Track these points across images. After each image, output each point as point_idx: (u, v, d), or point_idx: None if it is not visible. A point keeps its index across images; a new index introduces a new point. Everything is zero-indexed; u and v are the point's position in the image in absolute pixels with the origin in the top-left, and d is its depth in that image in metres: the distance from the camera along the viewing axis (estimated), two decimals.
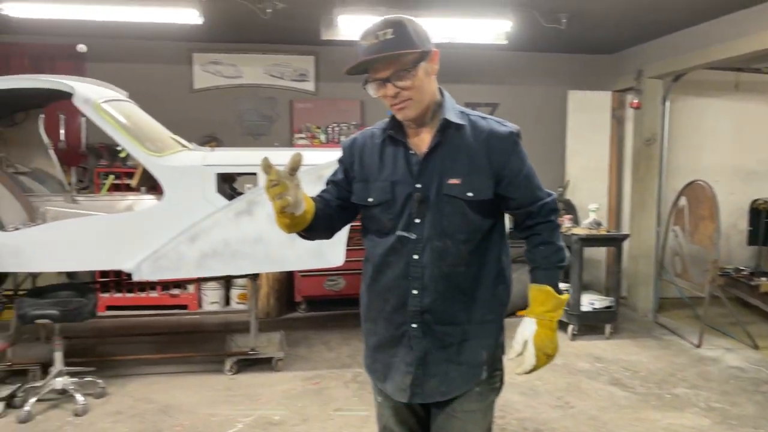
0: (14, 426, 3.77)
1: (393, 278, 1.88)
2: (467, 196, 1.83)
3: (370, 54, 1.74)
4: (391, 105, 1.83)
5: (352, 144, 2.00)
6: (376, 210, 1.90)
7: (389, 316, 1.91)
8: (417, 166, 1.85)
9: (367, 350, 2.04)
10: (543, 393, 4.36)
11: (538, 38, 6.33)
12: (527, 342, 1.88)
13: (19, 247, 4.05)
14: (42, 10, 4.97)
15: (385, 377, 1.97)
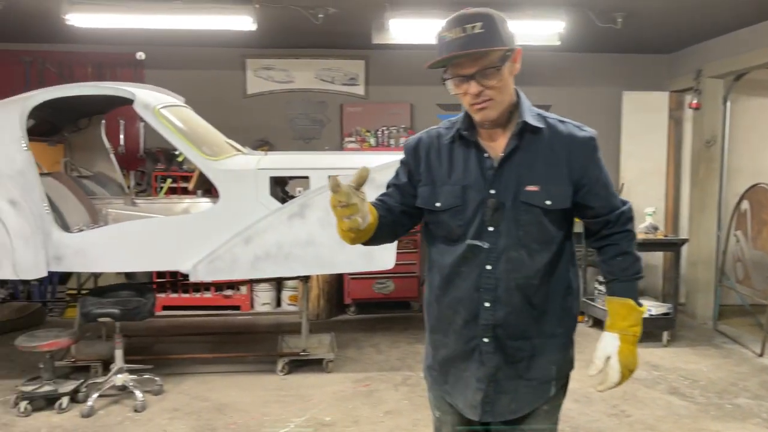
0: (78, 420, 3.92)
1: (464, 289, 1.78)
2: (545, 204, 1.73)
3: (457, 48, 1.63)
4: (470, 104, 1.71)
5: (417, 144, 1.88)
6: (444, 215, 1.79)
7: (459, 330, 1.81)
8: (491, 171, 1.74)
9: (435, 362, 1.92)
10: (597, 401, 4.27)
11: (592, 38, 6.21)
12: (610, 358, 1.81)
13: (83, 248, 4.20)
14: (104, 20, 5.16)
15: (454, 392, 1.88)
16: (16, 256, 4.03)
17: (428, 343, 1.96)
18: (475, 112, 1.73)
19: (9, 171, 4.14)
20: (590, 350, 1.68)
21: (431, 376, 1.96)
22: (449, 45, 1.65)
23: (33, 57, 6.77)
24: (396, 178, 1.93)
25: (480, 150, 1.77)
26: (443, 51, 1.66)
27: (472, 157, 1.78)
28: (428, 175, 1.83)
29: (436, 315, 1.88)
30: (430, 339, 1.94)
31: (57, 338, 4.10)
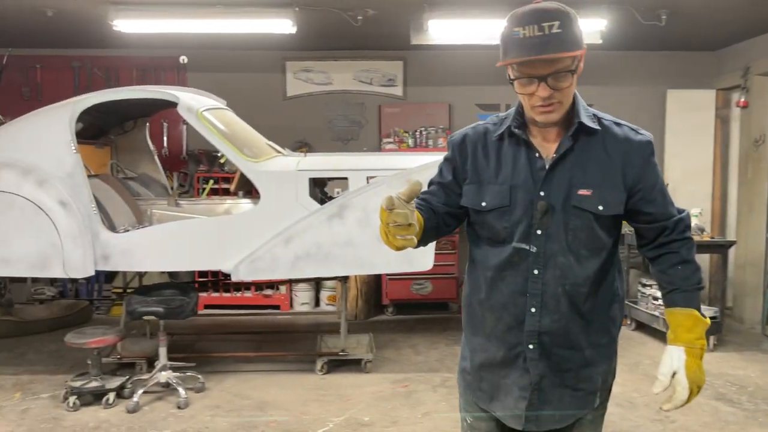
0: (123, 415, 4.02)
1: (508, 294, 1.71)
2: (598, 209, 1.66)
3: (535, 49, 1.54)
4: (536, 106, 1.62)
5: (463, 140, 1.79)
6: (490, 216, 1.71)
7: (503, 335, 1.74)
8: (542, 172, 1.67)
9: (472, 366, 1.85)
10: (641, 406, 4.18)
11: (635, 36, 6.09)
12: (676, 373, 1.70)
13: (129, 248, 4.32)
14: (149, 25, 5.30)
15: (491, 398, 1.81)
16: (66, 255, 4.16)
17: (465, 345, 1.89)
18: (539, 114, 1.64)
19: (59, 173, 4.27)
20: (632, 354, 1.63)
21: (464, 380, 1.89)
22: (524, 44, 1.55)
23: (81, 62, 6.98)
24: (440, 176, 1.84)
25: (531, 149, 1.70)
26: (518, 50, 1.56)
27: (522, 156, 1.70)
28: (474, 172, 1.75)
29: (478, 318, 1.81)
30: (468, 342, 1.87)
31: (104, 335, 4.22)
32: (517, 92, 1.63)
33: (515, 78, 1.61)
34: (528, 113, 1.67)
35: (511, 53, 1.58)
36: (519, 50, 1.57)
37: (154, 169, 5.70)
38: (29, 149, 4.32)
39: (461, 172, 1.78)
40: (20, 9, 5.27)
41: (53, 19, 5.46)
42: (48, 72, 7.00)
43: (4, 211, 4.15)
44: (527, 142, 1.70)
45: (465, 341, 1.89)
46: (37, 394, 4.35)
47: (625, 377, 4.64)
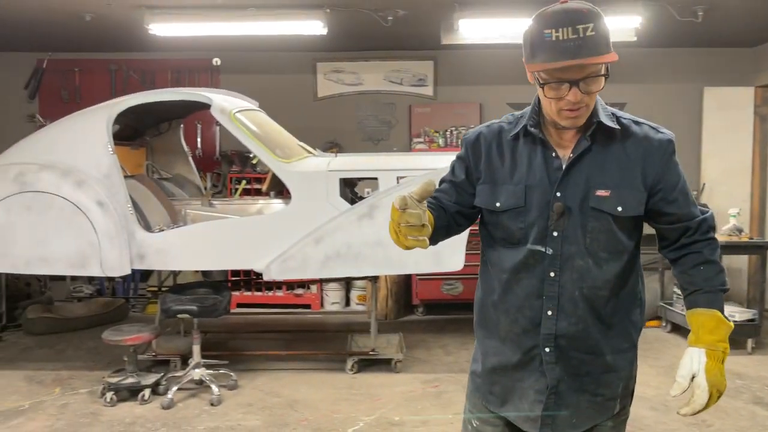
0: (158, 411, 4.10)
1: (524, 297, 1.67)
2: (617, 210, 1.61)
3: (570, 53, 1.47)
4: (564, 109, 1.56)
5: (477, 138, 1.75)
6: (504, 216, 1.67)
7: (518, 338, 1.70)
8: (559, 172, 1.63)
9: (484, 369, 1.80)
10: (676, 409, 4.10)
11: (671, 33, 5.98)
12: (696, 376, 1.63)
13: (164, 247, 4.40)
14: (183, 29, 5.40)
15: (503, 401, 1.77)
16: (103, 254, 4.26)
17: (477, 348, 1.85)
18: (565, 119, 1.59)
19: (97, 174, 4.38)
20: (667, 357, 1.58)
21: (474, 383, 1.85)
22: (558, 47, 1.49)
23: (118, 65, 7.14)
24: (452, 174, 1.79)
25: (548, 148, 1.65)
26: (551, 53, 1.50)
27: (538, 156, 1.65)
28: (489, 172, 1.71)
29: (492, 320, 1.77)
30: (481, 344, 1.83)
31: (140, 333, 4.31)
32: (546, 96, 1.57)
33: (544, 82, 1.55)
34: (550, 116, 1.62)
35: (543, 56, 1.51)
36: (553, 54, 1.50)
37: (188, 170, 5.80)
38: (68, 151, 4.43)
39: (474, 172, 1.74)
40: (60, 14, 5.42)
41: (91, 24, 5.61)
42: (86, 75, 7.18)
43: (44, 212, 4.27)
44: (544, 141, 1.65)
45: (477, 344, 1.86)
46: (75, 390, 4.46)
47: (659, 380, 4.56)
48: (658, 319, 6.01)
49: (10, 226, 4.27)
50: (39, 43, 6.68)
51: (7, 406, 4.16)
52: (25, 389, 4.47)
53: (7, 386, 4.52)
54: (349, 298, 6.84)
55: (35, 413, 4.06)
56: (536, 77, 1.58)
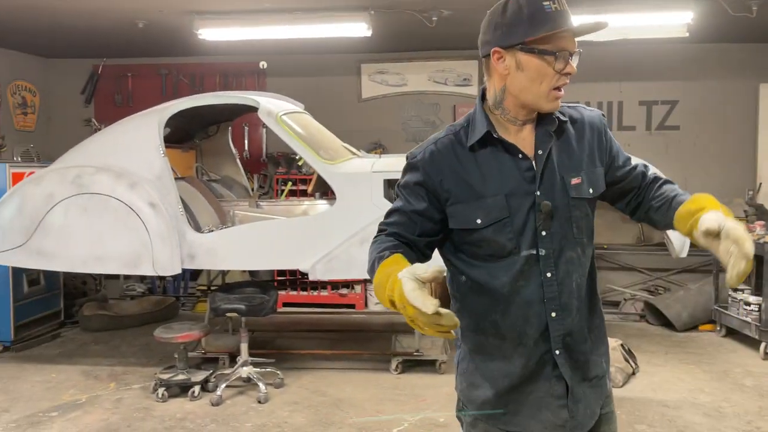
0: (208, 408, 4.20)
1: (527, 306, 1.59)
2: (589, 193, 1.63)
3: (569, 21, 1.51)
4: (556, 87, 1.55)
5: (431, 157, 1.62)
6: (488, 232, 1.57)
7: (527, 351, 1.62)
8: (531, 172, 1.59)
9: (488, 392, 1.66)
10: (730, 416, 3.99)
11: (724, 28, 5.79)
12: (724, 228, 1.44)
13: (213, 247, 4.51)
14: (231, 33, 5.51)
15: (519, 420, 1.66)
16: (155, 254, 4.39)
17: (473, 373, 1.69)
18: (552, 100, 1.57)
19: (149, 176, 4.52)
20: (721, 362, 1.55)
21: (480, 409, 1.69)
22: (560, 16, 1.51)
23: (168, 69, 7.34)
24: (406, 203, 1.61)
25: (512, 151, 1.59)
26: (558, 21, 1.50)
27: (505, 160, 1.59)
28: (459, 189, 1.59)
29: (493, 343, 1.65)
30: (481, 369, 1.68)
31: (190, 331, 4.42)
32: (533, 72, 1.53)
33: (544, 53, 1.51)
34: (535, 101, 1.56)
35: (550, 24, 1.50)
36: (560, 22, 1.51)
37: (236, 172, 5.93)
38: (122, 154, 4.59)
39: (441, 193, 1.59)
40: (114, 22, 5.60)
41: (144, 30, 5.78)
42: (138, 80, 7.41)
43: (99, 213, 4.43)
44: (508, 145, 1.60)
45: (473, 369, 1.69)
46: (129, 385, 4.61)
47: (714, 386, 4.43)
48: (712, 323, 5.83)
49: (68, 226, 4.44)
50: (94, 49, 6.93)
51: (65, 400, 4.33)
52: (82, 383, 4.64)
53: (65, 380, 4.70)
54: None
55: (92, 407, 4.21)
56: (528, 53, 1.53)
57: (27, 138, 7.09)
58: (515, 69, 1.54)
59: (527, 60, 1.53)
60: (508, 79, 1.56)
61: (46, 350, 5.49)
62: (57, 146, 6.86)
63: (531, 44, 1.51)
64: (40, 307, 5.74)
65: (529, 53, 1.52)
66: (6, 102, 6.92)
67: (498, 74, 1.58)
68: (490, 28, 1.58)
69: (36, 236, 4.45)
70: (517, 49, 1.53)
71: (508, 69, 1.55)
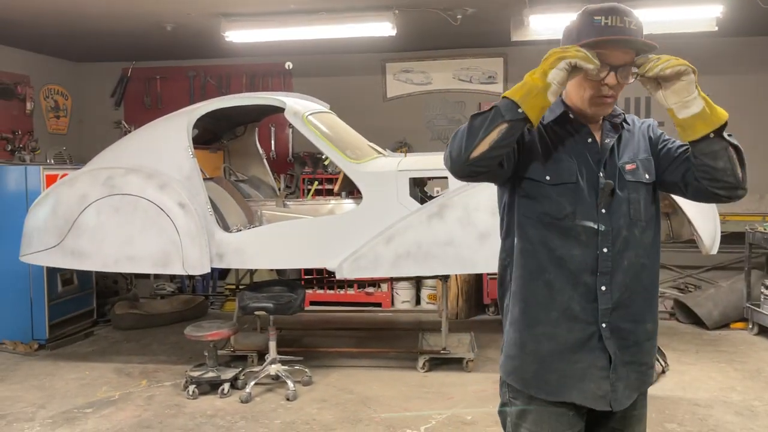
0: (237, 405, 4.26)
1: (578, 273, 1.71)
2: (645, 178, 1.77)
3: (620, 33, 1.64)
4: (598, 96, 1.71)
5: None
6: (553, 190, 1.73)
7: (574, 317, 1.72)
8: (599, 155, 1.77)
9: (534, 359, 1.76)
10: (763, 415, 3.92)
11: (755, 21, 5.69)
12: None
13: (241, 247, 4.56)
14: (257, 35, 5.57)
15: (562, 387, 1.75)
16: (185, 253, 4.46)
17: (516, 342, 1.79)
18: (594, 106, 1.73)
19: (178, 176, 4.59)
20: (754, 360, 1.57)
21: (520, 375, 1.79)
22: (608, 29, 1.64)
23: (196, 71, 7.44)
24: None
25: (584, 133, 1.78)
26: (602, 33, 1.64)
27: (577, 140, 1.77)
28: (541, 147, 1.76)
29: (541, 304, 1.74)
30: (524, 334, 1.77)
31: (219, 329, 4.49)
32: (578, 82, 1.70)
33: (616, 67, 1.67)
34: (577, 104, 1.76)
35: (593, 35, 1.65)
36: (602, 33, 1.64)
37: (263, 172, 5.99)
38: (152, 155, 4.67)
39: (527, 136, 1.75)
40: (143, 25, 5.71)
41: (172, 33, 5.87)
42: (166, 82, 7.53)
43: (130, 213, 4.52)
44: (579, 125, 1.78)
45: (517, 337, 1.79)
46: (160, 382, 4.70)
47: (746, 384, 4.36)
48: (744, 321, 5.73)
49: (100, 226, 4.54)
50: (124, 53, 7.06)
51: (99, 396, 4.43)
52: (115, 381, 4.74)
53: (99, 377, 4.81)
54: (419, 297, 6.88)
55: (125, 403, 4.30)
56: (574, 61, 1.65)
57: (59, 141, 7.26)
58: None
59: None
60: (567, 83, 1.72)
61: (80, 348, 5.61)
62: (89, 148, 7.02)
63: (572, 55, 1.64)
64: (74, 306, 5.88)
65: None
66: (39, 106, 7.09)
67: None
68: (562, 36, 1.77)
69: (69, 237, 4.56)
70: None
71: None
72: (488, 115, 1.60)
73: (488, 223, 4.12)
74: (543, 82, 1.58)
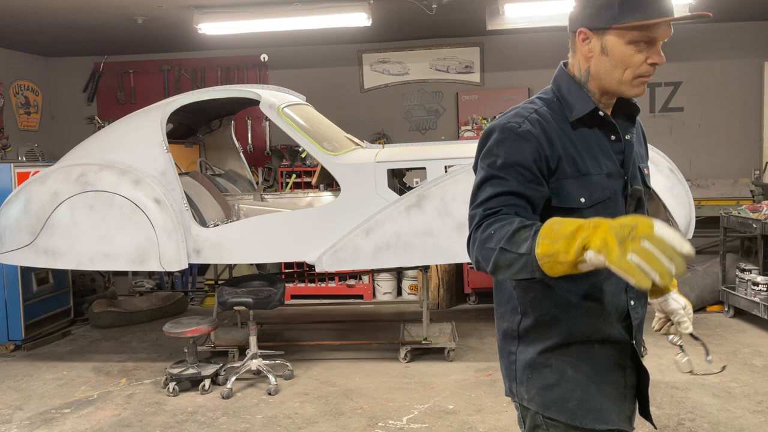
0: (219, 401, 4.23)
1: (614, 291, 1.56)
2: (649, 184, 1.68)
3: (669, 9, 1.43)
4: (641, 75, 1.47)
5: (541, 128, 1.48)
6: (590, 212, 1.48)
7: (610, 336, 1.58)
8: (622, 156, 1.55)
9: (574, 386, 1.56)
10: (740, 396, 3.98)
11: (727, 7, 5.74)
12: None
13: (218, 242, 4.52)
14: (231, 27, 5.50)
15: (606, 415, 1.57)
16: (161, 249, 4.41)
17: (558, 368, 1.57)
18: (638, 86, 1.48)
19: (153, 172, 4.53)
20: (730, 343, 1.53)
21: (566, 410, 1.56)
22: (657, 3, 1.42)
23: (170, 65, 7.34)
24: (522, 185, 1.44)
25: (608, 130, 1.55)
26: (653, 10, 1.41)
27: (602, 140, 1.54)
28: (566, 164, 1.48)
29: (581, 331, 1.56)
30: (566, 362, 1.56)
31: (198, 325, 4.44)
32: (619, 58, 1.45)
33: (631, 42, 1.44)
34: (617, 86, 1.49)
35: (644, 12, 1.41)
36: (655, 11, 1.42)
37: (240, 166, 5.93)
38: (126, 151, 4.59)
39: (551, 165, 1.46)
40: (114, 19, 5.60)
41: (143, 26, 5.77)
42: (140, 76, 7.41)
43: (104, 210, 4.45)
44: (610, 125, 1.55)
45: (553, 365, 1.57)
46: (140, 380, 4.65)
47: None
48: (720, 304, 5.82)
49: (74, 224, 4.47)
50: (95, 47, 6.93)
51: (78, 396, 4.37)
52: (93, 380, 4.68)
53: (77, 377, 4.74)
54: (401, 288, 6.88)
55: (104, 403, 4.25)
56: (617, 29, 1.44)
57: (31, 137, 7.13)
58: (599, 53, 1.48)
59: (613, 45, 1.45)
60: (592, 62, 1.50)
61: (57, 348, 5.53)
62: (61, 145, 6.90)
63: (620, 29, 1.43)
64: (50, 306, 5.79)
65: (617, 38, 1.45)
66: (9, 102, 6.94)
67: (582, 55, 1.52)
68: (581, 5, 1.49)
69: (42, 235, 4.48)
70: (604, 33, 1.46)
71: (593, 52, 1.49)
72: (517, 262, 1.32)
73: (466, 214, 4.11)
74: (578, 256, 1.23)
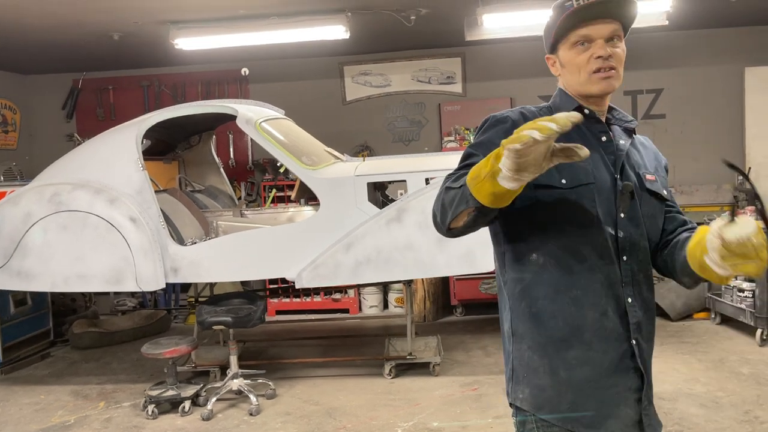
0: (199, 423, 4.14)
1: (608, 286, 1.54)
2: (663, 193, 1.66)
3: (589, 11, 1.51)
4: (595, 70, 1.54)
5: (523, 117, 1.58)
6: (572, 194, 1.52)
7: (606, 336, 1.55)
8: (613, 157, 1.60)
9: (567, 387, 1.55)
10: (727, 406, 3.93)
11: (705, 14, 5.76)
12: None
13: (196, 260, 4.44)
14: (208, 42, 5.45)
15: (600, 419, 1.56)
16: (138, 269, 4.32)
17: (550, 368, 1.56)
18: (598, 81, 1.56)
19: (128, 190, 4.45)
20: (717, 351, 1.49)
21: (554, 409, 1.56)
22: (580, 10, 1.52)
23: (149, 81, 7.27)
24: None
25: (598, 131, 1.62)
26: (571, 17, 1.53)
27: (590, 139, 1.59)
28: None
29: (572, 324, 1.55)
30: (558, 361, 1.56)
31: (177, 346, 4.35)
32: (569, 65, 1.59)
33: (573, 46, 1.57)
34: (581, 87, 1.59)
35: (570, 21, 1.55)
36: (581, 14, 1.53)
37: (221, 181, 5.86)
38: (100, 169, 4.52)
39: None
40: (91, 35, 5.54)
41: (120, 43, 5.72)
42: (119, 92, 7.34)
43: (79, 230, 4.36)
44: (597, 123, 1.63)
45: (546, 364, 1.57)
46: (119, 403, 4.54)
47: (709, 375, 4.38)
48: (707, 311, 5.79)
49: (48, 245, 4.37)
50: (73, 64, 6.86)
51: (54, 422, 4.26)
52: (71, 404, 4.57)
53: (54, 402, 4.63)
54: (387, 301, 6.81)
55: (80, 428, 4.14)
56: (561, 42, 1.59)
57: (9, 156, 7.02)
58: (561, 68, 1.64)
59: (564, 57, 1.62)
60: (562, 78, 1.66)
61: (36, 371, 5.42)
62: (40, 163, 6.77)
63: (561, 43, 1.60)
64: (29, 328, 5.67)
65: (565, 51, 1.61)
66: None
67: (557, 76, 1.68)
68: (543, 38, 1.68)
69: (15, 257, 4.38)
70: (556, 52, 1.64)
71: (559, 70, 1.66)
72: (457, 195, 1.39)
73: None
74: (493, 166, 1.27)
